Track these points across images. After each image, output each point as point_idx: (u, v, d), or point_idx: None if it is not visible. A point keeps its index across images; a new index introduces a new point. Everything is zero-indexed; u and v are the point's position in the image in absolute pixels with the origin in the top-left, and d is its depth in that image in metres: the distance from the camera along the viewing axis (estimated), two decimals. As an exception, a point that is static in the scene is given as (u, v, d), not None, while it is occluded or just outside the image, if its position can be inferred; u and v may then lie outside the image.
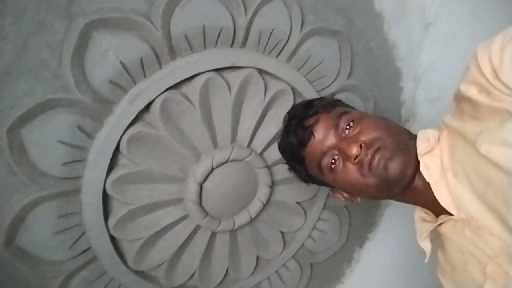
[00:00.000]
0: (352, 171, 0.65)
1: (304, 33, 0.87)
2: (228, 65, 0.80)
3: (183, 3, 0.71)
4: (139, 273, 0.86)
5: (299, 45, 0.88)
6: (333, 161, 0.68)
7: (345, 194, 0.75)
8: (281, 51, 0.86)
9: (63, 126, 0.67)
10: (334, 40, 0.93)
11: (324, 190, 1.08)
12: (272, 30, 0.82)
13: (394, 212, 1.33)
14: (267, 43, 0.83)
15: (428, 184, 0.63)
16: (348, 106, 0.80)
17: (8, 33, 0.59)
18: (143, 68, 0.71)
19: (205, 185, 0.85)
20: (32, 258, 0.72)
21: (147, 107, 0.75)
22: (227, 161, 0.85)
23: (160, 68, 0.73)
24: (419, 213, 0.69)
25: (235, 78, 0.83)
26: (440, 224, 0.63)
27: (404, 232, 1.16)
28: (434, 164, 0.63)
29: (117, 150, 0.74)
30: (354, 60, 1.01)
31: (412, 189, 0.67)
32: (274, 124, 0.91)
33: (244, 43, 0.82)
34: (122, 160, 0.77)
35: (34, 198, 0.69)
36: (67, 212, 0.73)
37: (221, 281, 0.99)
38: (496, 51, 0.52)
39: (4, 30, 0.59)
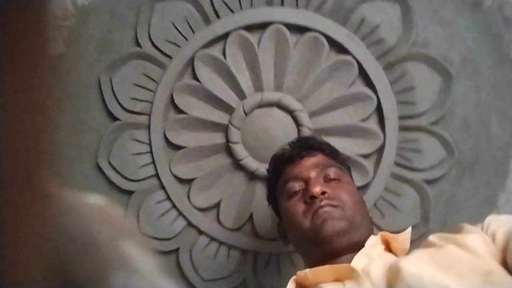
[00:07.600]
0: (299, 206, 0.68)
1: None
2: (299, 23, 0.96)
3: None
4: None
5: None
6: (297, 190, 0.70)
7: (282, 231, 0.77)
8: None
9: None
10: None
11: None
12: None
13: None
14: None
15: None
16: (345, 169, 0.79)
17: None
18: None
19: (251, 115, 0.97)
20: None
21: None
22: (276, 105, 0.96)
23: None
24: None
25: (300, 38, 0.98)
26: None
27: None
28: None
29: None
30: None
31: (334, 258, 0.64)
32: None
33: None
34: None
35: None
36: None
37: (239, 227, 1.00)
38: None
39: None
